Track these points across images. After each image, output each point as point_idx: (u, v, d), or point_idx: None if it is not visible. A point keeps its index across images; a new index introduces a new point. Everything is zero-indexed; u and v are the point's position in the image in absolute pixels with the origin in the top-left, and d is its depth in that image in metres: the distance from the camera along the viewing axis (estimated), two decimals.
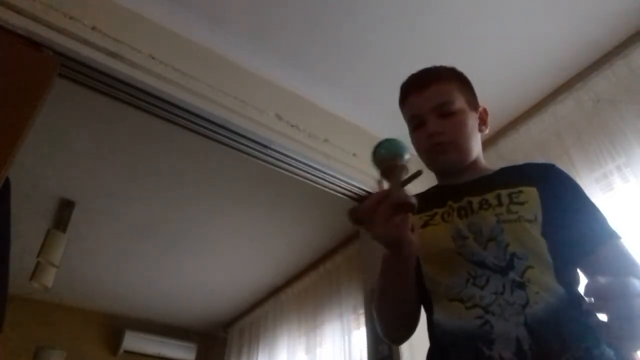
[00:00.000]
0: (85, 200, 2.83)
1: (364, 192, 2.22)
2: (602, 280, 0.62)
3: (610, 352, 0.72)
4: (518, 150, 2.14)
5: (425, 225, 0.91)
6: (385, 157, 0.77)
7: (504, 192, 0.87)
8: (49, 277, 2.58)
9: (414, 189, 1.07)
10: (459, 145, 0.94)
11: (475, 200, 0.88)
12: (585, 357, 0.71)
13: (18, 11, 1.48)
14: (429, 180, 1.07)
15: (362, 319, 2.50)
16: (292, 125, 2.04)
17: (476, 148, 0.98)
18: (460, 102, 0.97)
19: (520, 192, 0.86)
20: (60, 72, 1.57)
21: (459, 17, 1.84)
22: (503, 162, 1.01)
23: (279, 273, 3.65)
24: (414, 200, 0.72)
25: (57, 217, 2.87)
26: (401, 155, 0.76)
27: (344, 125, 2.28)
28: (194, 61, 1.86)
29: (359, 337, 2.75)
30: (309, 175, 2.12)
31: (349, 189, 2.20)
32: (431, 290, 0.87)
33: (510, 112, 2.26)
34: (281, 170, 2.10)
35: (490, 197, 0.87)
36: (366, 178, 2.21)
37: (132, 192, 2.78)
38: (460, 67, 1.08)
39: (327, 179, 2.14)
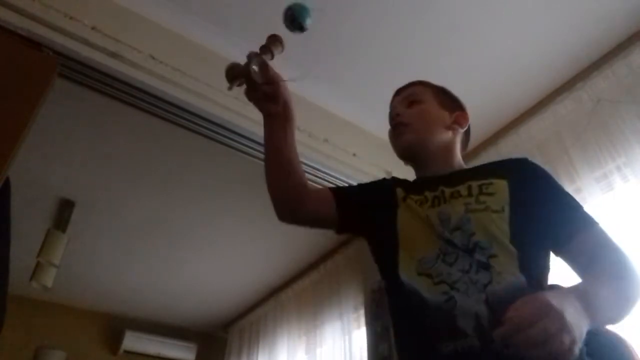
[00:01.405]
0: (85, 200, 2.83)
1: None
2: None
3: None
4: (518, 150, 2.13)
5: (405, 199, 0.96)
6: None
7: (474, 184, 0.90)
8: (49, 277, 2.58)
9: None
10: (415, 128, 1.01)
11: (448, 191, 0.92)
12: None
13: (18, 11, 1.48)
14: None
15: (362, 319, 2.50)
16: None
17: (437, 139, 1.03)
18: (429, 100, 1.05)
19: (491, 183, 0.89)
20: (60, 72, 1.57)
21: (459, 17, 1.84)
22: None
23: (279, 273, 3.65)
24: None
25: (57, 217, 2.87)
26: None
27: (344, 125, 2.28)
28: (194, 61, 1.86)
29: (359, 337, 2.75)
30: (308, 175, 2.12)
31: None
32: (402, 257, 0.88)
33: (510, 112, 2.26)
34: None
35: (462, 188, 0.91)
36: (366, 178, 2.21)
37: (132, 192, 2.78)
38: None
39: (327, 179, 2.14)
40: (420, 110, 1.03)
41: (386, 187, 1.03)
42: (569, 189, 1.83)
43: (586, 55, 1.99)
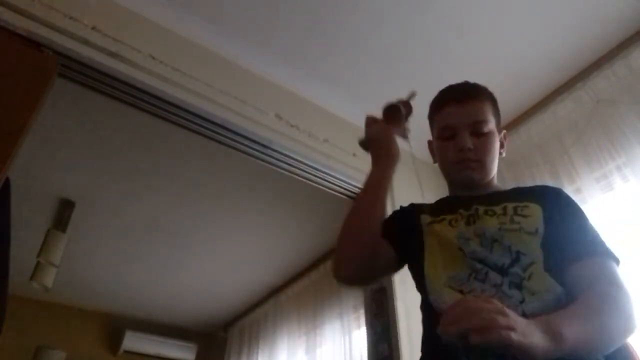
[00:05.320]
0: (85, 200, 2.83)
1: None
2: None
3: None
4: (518, 150, 2.14)
5: (431, 224, 0.96)
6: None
7: (510, 205, 0.91)
8: (49, 277, 2.58)
9: (426, 199, 1.10)
10: (485, 165, 0.99)
11: (482, 209, 0.92)
12: None
13: (18, 11, 1.48)
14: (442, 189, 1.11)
15: (362, 319, 2.50)
16: (292, 125, 2.04)
17: (495, 169, 1.02)
18: (492, 124, 1.02)
19: (526, 206, 0.90)
20: (60, 72, 1.57)
21: (459, 17, 1.84)
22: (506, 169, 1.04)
23: (279, 273, 3.65)
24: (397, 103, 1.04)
25: (57, 217, 2.87)
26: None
27: (344, 125, 2.28)
28: (194, 61, 1.86)
29: (359, 337, 2.75)
30: (309, 175, 2.12)
31: (348, 189, 2.19)
32: (430, 277, 0.88)
33: (510, 112, 2.26)
34: (281, 170, 2.10)
35: (497, 208, 0.91)
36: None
37: (132, 192, 2.78)
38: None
39: (327, 179, 2.14)
40: (489, 145, 0.99)
41: (409, 216, 1.03)
42: (569, 189, 1.84)
43: (586, 55, 1.99)
